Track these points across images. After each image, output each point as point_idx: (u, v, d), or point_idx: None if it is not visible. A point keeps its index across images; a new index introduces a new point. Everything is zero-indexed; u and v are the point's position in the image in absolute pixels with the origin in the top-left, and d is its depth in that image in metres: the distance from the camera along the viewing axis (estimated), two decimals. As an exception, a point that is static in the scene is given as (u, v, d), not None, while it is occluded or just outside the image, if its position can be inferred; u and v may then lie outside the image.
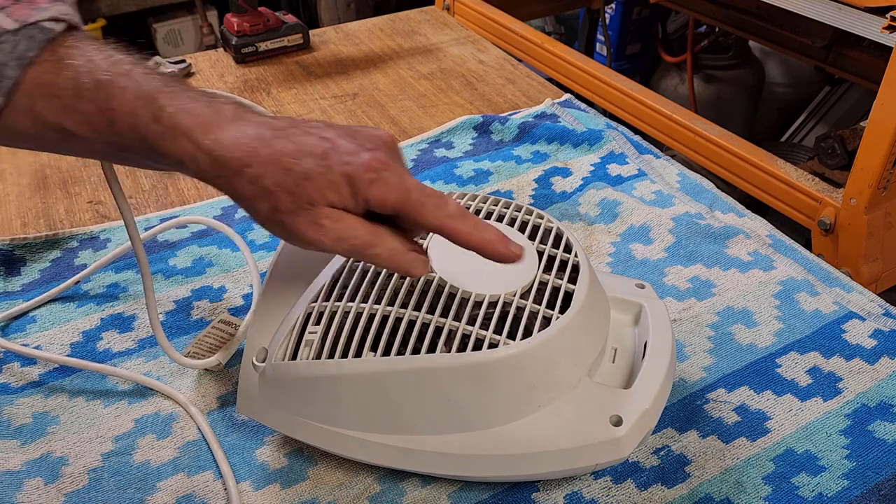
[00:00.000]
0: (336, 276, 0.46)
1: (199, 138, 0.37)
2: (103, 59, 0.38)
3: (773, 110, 1.72)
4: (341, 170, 0.37)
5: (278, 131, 0.38)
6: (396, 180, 0.38)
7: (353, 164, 0.37)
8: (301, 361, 0.44)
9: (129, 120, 0.37)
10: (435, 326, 0.42)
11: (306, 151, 0.37)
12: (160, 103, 0.37)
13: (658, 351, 0.47)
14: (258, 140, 0.37)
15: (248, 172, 0.37)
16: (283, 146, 0.37)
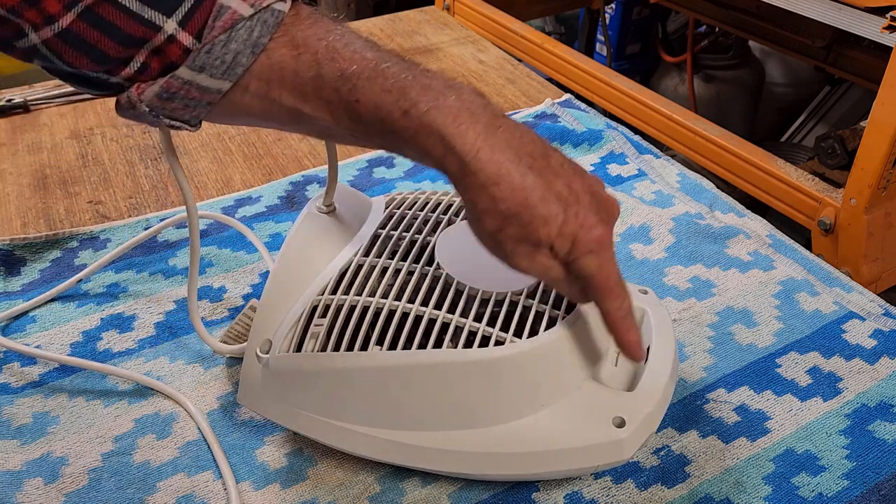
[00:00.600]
0: (343, 269, 0.46)
1: (452, 142, 0.36)
2: (344, 47, 0.37)
3: (773, 110, 1.72)
4: (574, 229, 0.38)
5: (532, 160, 0.38)
6: (607, 263, 0.39)
7: (586, 229, 0.38)
8: (306, 353, 0.44)
9: (376, 113, 0.37)
10: (442, 322, 0.43)
11: (553, 196, 0.38)
12: (411, 98, 0.37)
13: (661, 354, 0.47)
14: (513, 163, 0.37)
15: (494, 191, 0.37)
16: (534, 182, 0.37)
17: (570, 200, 0.38)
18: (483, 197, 0.37)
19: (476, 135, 0.37)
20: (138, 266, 0.64)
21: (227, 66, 0.37)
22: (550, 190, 0.37)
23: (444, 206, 0.51)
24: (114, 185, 0.76)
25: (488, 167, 0.37)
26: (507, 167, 0.37)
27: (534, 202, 0.37)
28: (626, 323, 0.41)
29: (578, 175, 0.39)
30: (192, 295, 0.49)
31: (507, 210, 0.37)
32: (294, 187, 0.74)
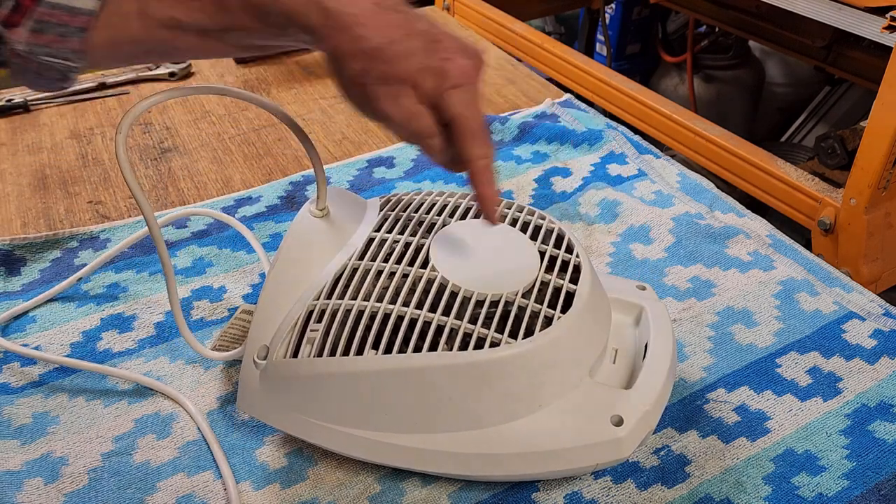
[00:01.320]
0: (338, 274, 0.46)
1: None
2: None
3: (773, 110, 1.72)
4: (438, 63, 0.39)
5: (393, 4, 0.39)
6: (474, 98, 0.40)
7: (452, 62, 0.39)
8: (302, 359, 0.44)
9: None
10: (437, 325, 0.42)
11: (416, 32, 0.39)
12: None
13: (659, 352, 0.47)
14: (373, 6, 0.38)
15: (356, 31, 0.38)
16: (396, 18, 0.38)
17: (432, 38, 0.39)
18: (345, 39, 0.38)
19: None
20: (138, 266, 0.64)
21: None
22: (413, 28, 0.39)
23: (438, 207, 0.51)
24: (114, 185, 0.76)
25: (350, 9, 0.38)
26: (369, 8, 0.38)
27: (396, 38, 0.38)
28: (487, 175, 0.41)
29: (440, 25, 0.40)
30: (175, 308, 0.49)
31: (369, 49, 0.38)
32: (294, 187, 0.74)
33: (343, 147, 0.82)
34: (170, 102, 0.91)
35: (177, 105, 0.90)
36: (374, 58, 0.38)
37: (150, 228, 0.46)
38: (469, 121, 0.40)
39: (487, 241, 0.48)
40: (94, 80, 0.93)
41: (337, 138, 0.84)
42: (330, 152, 0.81)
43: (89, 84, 0.93)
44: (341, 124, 0.86)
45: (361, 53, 0.38)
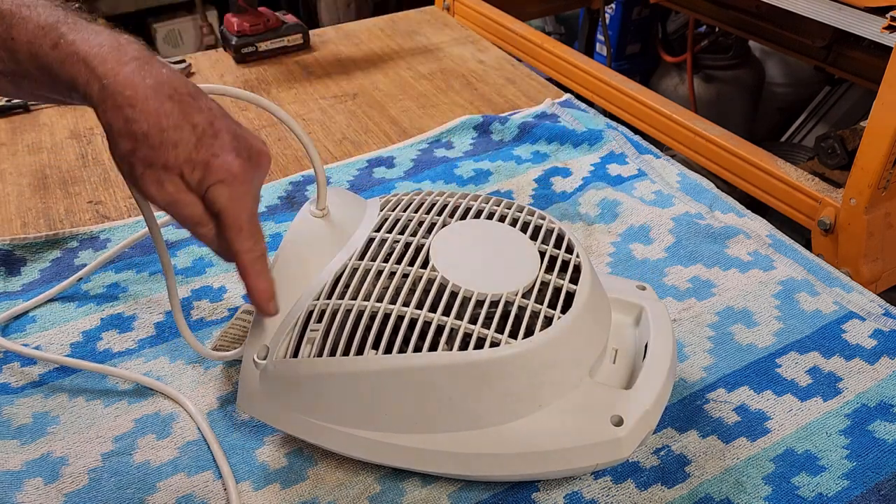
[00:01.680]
0: (338, 274, 0.46)
1: (96, 66, 0.38)
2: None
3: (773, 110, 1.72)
4: (205, 156, 0.39)
5: (176, 93, 0.39)
6: (239, 194, 0.40)
7: (219, 157, 0.39)
8: (302, 359, 0.44)
9: (29, 48, 0.39)
10: (437, 325, 0.42)
11: (189, 125, 0.39)
12: (60, 31, 0.39)
13: (659, 352, 0.47)
14: (152, 91, 0.38)
15: (127, 112, 0.38)
16: (170, 108, 0.39)
17: (207, 133, 0.39)
18: (118, 118, 0.38)
19: (120, 63, 0.38)
20: (138, 266, 0.64)
21: None
22: (187, 120, 0.39)
23: (438, 207, 0.51)
24: (114, 185, 0.76)
25: (125, 90, 0.38)
26: (146, 92, 0.38)
27: (166, 126, 0.38)
28: (256, 267, 0.42)
29: (227, 119, 0.41)
30: (175, 308, 0.49)
31: (138, 131, 0.38)
32: (294, 187, 0.74)
33: (343, 147, 0.82)
34: (170, 102, 0.90)
35: (177, 105, 0.90)
36: (141, 142, 0.38)
37: (150, 229, 0.46)
38: (232, 216, 0.40)
39: (487, 241, 0.48)
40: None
41: (337, 138, 0.84)
42: (330, 152, 0.81)
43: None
44: (341, 124, 0.86)
45: (130, 135, 0.38)
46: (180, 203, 0.40)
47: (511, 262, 0.47)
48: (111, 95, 0.38)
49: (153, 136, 0.38)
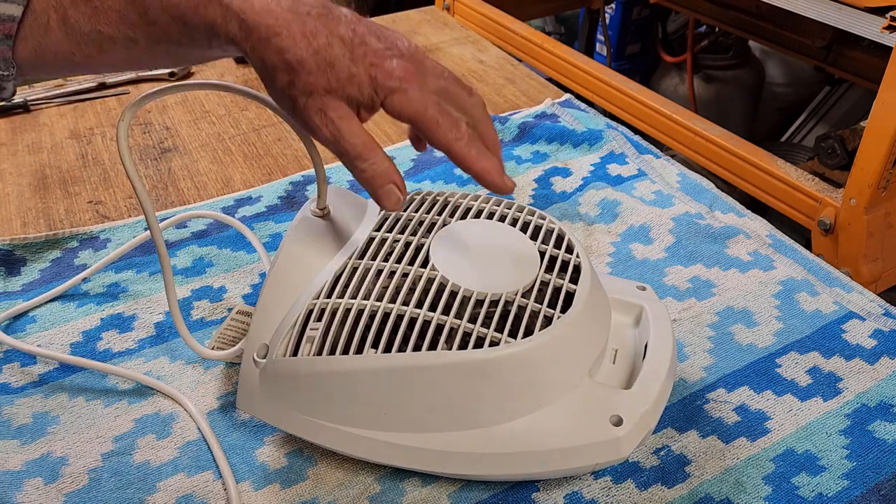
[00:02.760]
0: (338, 273, 0.46)
1: (230, 2, 0.36)
2: None
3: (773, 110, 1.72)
4: (366, 69, 0.37)
5: (311, 8, 0.38)
6: (417, 95, 0.38)
7: (379, 66, 0.38)
8: (302, 358, 0.44)
9: (159, 2, 0.37)
10: (436, 324, 0.42)
11: (336, 38, 0.37)
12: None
13: (658, 352, 0.47)
14: (291, 13, 0.37)
15: (276, 42, 0.37)
16: (314, 26, 0.37)
17: (356, 42, 0.37)
18: (268, 51, 0.37)
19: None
20: (138, 266, 0.64)
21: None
22: (333, 33, 0.37)
23: (438, 207, 0.51)
24: (114, 185, 0.76)
25: (266, 18, 0.36)
26: (286, 17, 0.37)
27: (317, 46, 0.37)
28: (472, 151, 0.40)
29: (365, 22, 0.39)
30: (173, 307, 0.49)
31: (292, 59, 0.37)
32: (294, 187, 0.74)
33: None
34: (170, 102, 0.91)
35: (177, 105, 0.90)
36: (297, 69, 0.37)
37: (151, 229, 0.46)
38: (423, 116, 0.39)
39: (487, 240, 0.48)
40: (94, 80, 0.93)
41: (337, 138, 0.83)
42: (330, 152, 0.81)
43: (89, 84, 0.93)
44: (341, 124, 0.86)
45: (285, 65, 0.37)
46: (344, 131, 0.38)
47: (511, 261, 0.47)
48: (254, 28, 0.37)
49: (307, 62, 0.37)
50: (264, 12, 0.37)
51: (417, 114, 0.38)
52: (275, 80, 0.38)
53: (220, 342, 0.55)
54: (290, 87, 0.37)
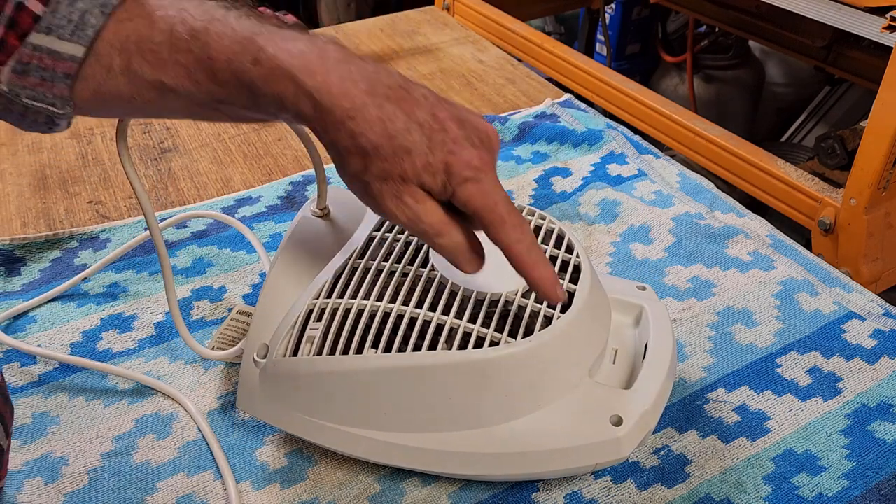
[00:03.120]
0: (338, 273, 0.46)
1: (303, 80, 0.35)
2: (195, 7, 0.37)
3: (773, 110, 1.72)
4: (443, 156, 0.36)
5: (390, 90, 0.36)
6: (490, 187, 0.37)
7: (457, 154, 0.36)
8: (302, 358, 0.44)
9: (229, 66, 0.36)
10: (436, 324, 0.42)
11: (415, 124, 0.36)
12: (259, 44, 0.36)
13: (658, 352, 0.47)
14: (368, 95, 0.35)
15: (350, 126, 0.35)
16: (392, 110, 0.36)
17: (435, 128, 0.36)
18: (342, 135, 0.36)
19: (327, 71, 0.35)
20: (138, 266, 0.64)
21: (74, 26, 0.35)
22: (412, 118, 0.36)
23: None
24: (114, 185, 0.76)
25: (342, 101, 0.35)
26: (363, 99, 0.35)
27: (394, 132, 0.35)
28: (532, 256, 0.39)
29: (444, 104, 0.38)
30: (173, 308, 0.49)
31: (366, 144, 0.35)
32: (294, 187, 0.74)
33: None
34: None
35: (177, 105, 0.90)
36: (372, 155, 0.36)
37: (150, 229, 0.46)
38: (491, 210, 0.37)
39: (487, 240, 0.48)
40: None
41: (337, 138, 0.83)
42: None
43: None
44: (341, 124, 0.86)
45: (359, 150, 0.36)
46: (421, 214, 0.37)
47: (511, 261, 0.47)
48: (328, 111, 0.35)
49: (383, 147, 0.35)
50: (341, 94, 0.35)
51: (486, 208, 0.37)
52: (347, 164, 0.37)
53: (221, 342, 0.55)
54: (363, 172, 0.36)
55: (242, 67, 0.36)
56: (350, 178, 0.38)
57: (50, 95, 0.37)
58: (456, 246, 0.39)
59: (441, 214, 0.38)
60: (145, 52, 0.37)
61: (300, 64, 0.36)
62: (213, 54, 0.36)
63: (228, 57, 0.36)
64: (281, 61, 0.35)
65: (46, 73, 0.36)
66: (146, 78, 0.37)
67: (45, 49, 0.36)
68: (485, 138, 0.38)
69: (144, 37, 0.36)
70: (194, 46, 0.36)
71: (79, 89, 0.37)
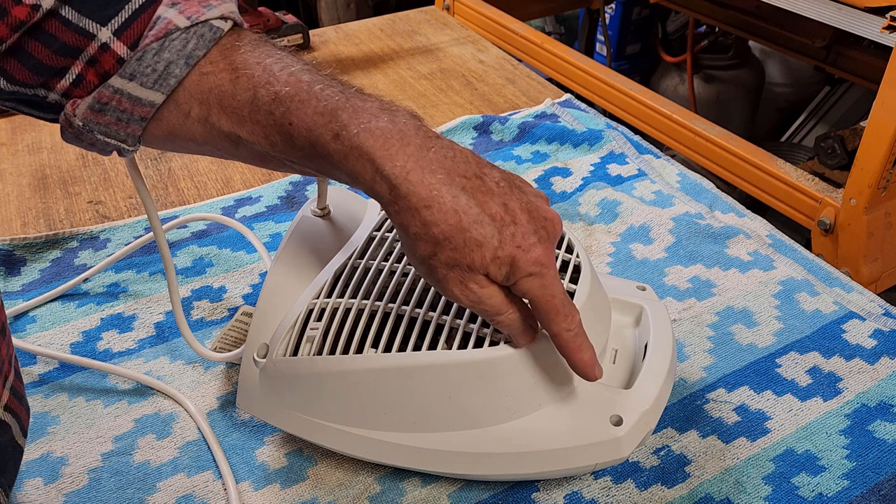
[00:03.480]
0: (338, 273, 0.46)
1: (382, 164, 0.36)
2: (281, 69, 0.37)
3: (773, 110, 1.72)
4: (511, 251, 0.37)
5: (466, 180, 0.37)
6: (550, 283, 0.38)
7: (524, 249, 0.37)
8: (302, 357, 0.44)
9: (308, 135, 0.36)
10: (436, 324, 0.43)
11: (488, 217, 0.37)
12: (342, 121, 0.36)
13: (658, 352, 0.47)
14: (445, 185, 0.36)
15: (425, 215, 0.36)
16: (466, 203, 0.36)
17: (506, 221, 0.37)
18: (415, 221, 0.36)
19: (406, 157, 0.36)
20: (138, 266, 0.64)
21: (158, 76, 0.37)
22: (485, 211, 0.37)
23: None
24: (114, 185, 0.76)
25: (419, 190, 0.36)
26: (439, 189, 0.36)
27: (466, 225, 0.36)
28: (577, 343, 0.40)
29: (516, 192, 0.38)
30: (177, 309, 0.49)
31: (439, 234, 0.36)
32: (294, 187, 0.74)
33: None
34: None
35: (177, 105, 0.90)
36: (442, 244, 0.36)
37: (154, 230, 0.46)
38: (547, 302, 0.38)
39: None
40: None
41: (337, 138, 0.84)
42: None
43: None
44: (341, 124, 0.86)
45: (429, 238, 0.36)
46: (484, 298, 0.38)
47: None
48: (403, 197, 0.36)
49: (455, 238, 0.36)
50: (418, 183, 0.36)
51: (543, 300, 0.38)
52: (416, 248, 0.37)
53: (224, 343, 0.55)
54: (431, 258, 0.37)
55: (322, 140, 0.36)
56: (417, 260, 0.38)
57: (123, 134, 0.38)
58: (513, 322, 0.40)
59: (501, 297, 0.39)
60: (226, 108, 0.37)
61: (381, 146, 0.36)
62: (293, 121, 0.37)
63: (309, 126, 0.36)
64: (362, 141, 0.36)
65: (123, 115, 0.37)
66: (223, 129, 0.38)
67: (127, 94, 0.37)
68: (550, 227, 0.39)
69: (227, 93, 0.37)
70: (276, 110, 0.37)
71: (152, 128, 0.38)
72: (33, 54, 0.36)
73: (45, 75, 0.37)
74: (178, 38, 0.37)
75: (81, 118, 0.37)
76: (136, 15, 0.36)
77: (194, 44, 0.37)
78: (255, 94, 0.37)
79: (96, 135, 0.38)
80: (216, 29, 0.37)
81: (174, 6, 0.37)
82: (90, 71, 0.37)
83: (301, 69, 0.38)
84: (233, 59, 0.37)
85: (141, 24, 0.37)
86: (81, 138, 0.38)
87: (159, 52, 0.36)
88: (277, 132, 0.37)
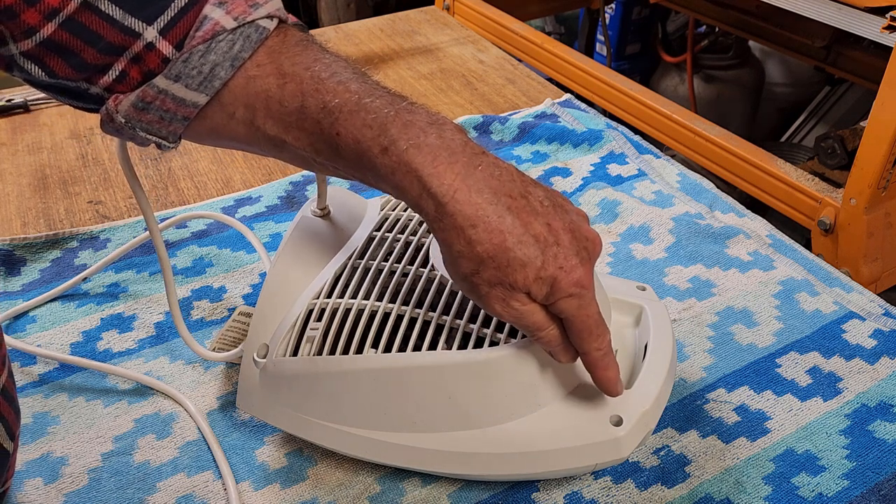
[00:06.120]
0: (338, 273, 0.46)
1: (429, 182, 0.36)
2: (329, 76, 0.37)
3: (773, 110, 1.72)
4: (553, 272, 0.37)
5: (511, 200, 0.37)
6: (587, 303, 0.39)
7: (566, 270, 0.37)
8: (302, 357, 0.44)
9: (356, 147, 0.36)
10: (436, 324, 0.43)
11: (531, 237, 0.37)
12: (391, 135, 0.36)
13: (658, 352, 0.47)
14: (490, 205, 0.36)
15: (470, 234, 0.36)
16: (511, 223, 0.36)
17: (549, 241, 0.37)
18: (459, 239, 0.36)
19: (454, 175, 0.36)
20: (138, 266, 0.64)
21: (203, 78, 0.36)
22: (528, 231, 0.37)
23: None
24: (114, 185, 0.76)
25: (465, 209, 0.36)
26: (485, 208, 0.36)
27: (511, 245, 0.36)
28: (605, 361, 0.41)
29: (559, 212, 0.39)
30: (174, 310, 0.49)
31: (483, 253, 0.36)
32: (294, 187, 0.74)
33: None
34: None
35: (177, 105, 0.90)
36: (486, 263, 0.36)
37: (151, 230, 0.46)
38: (582, 322, 0.39)
39: None
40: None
41: (337, 138, 0.83)
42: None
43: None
44: (341, 124, 0.86)
45: (473, 256, 0.36)
46: (525, 315, 0.38)
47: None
48: (449, 216, 0.36)
49: (499, 258, 0.36)
50: (465, 202, 0.36)
51: (579, 319, 0.39)
52: (458, 265, 0.37)
53: (222, 343, 0.55)
54: (473, 275, 0.37)
55: (370, 153, 0.36)
56: (459, 277, 0.38)
57: (165, 132, 0.38)
58: (553, 339, 0.40)
59: (542, 315, 0.39)
60: (272, 113, 0.37)
61: (430, 163, 0.36)
62: (341, 132, 0.36)
63: (357, 138, 0.36)
64: (410, 158, 0.36)
65: (167, 115, 0.37)
66: (268, 133, 0.38)
67: (171, 95, 0.37)
68: (591, 248, 0.39)
69: (274, 99, 0.37)
70: (324, 120, 0.37)
71: (194, 126, 0.39)
72: (75, 52, 0.36)
73: (89, 71, 0.37)
74: (224, 39, 0.36)
75: (124, 115, 0.37)
76: (181, 14, 0.36)
77: (240, 45, 0.37)
78: (302, 103, 0.37)
79: (138, 131, 0.38)
80: (262, 29, 0.37)
81: (221, 6, 0.37)
82: (134, 68, 0.37)
83: (349, 77, 0.38)
84: (280, 62, 0.37)
85: (186, 24, 0.36)
86: (122, 132, 0.39)
87: (205, 54, 0.36)
88: (324, 141, 0.37)
